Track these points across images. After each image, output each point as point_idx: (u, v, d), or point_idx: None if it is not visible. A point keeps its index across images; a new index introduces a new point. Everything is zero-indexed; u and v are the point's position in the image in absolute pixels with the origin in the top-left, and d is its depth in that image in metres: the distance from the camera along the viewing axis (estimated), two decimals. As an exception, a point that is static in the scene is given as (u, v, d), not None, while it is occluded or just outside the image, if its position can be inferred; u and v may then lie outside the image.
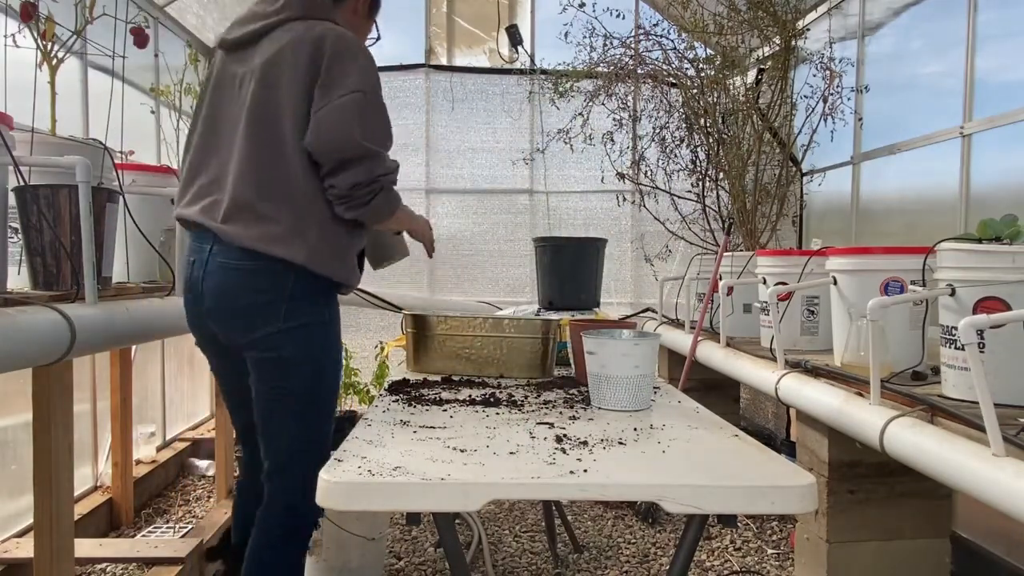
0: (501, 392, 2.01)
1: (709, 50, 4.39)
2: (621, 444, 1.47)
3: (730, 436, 1.57)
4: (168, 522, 3.43)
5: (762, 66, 4.37)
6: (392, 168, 1.77)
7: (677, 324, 4.12)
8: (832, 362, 2.46)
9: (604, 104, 4.48)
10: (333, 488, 1.21)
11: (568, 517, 3.32)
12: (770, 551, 3.15)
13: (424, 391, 2.02)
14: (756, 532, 3.37)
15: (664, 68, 4.36)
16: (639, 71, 4.40)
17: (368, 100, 1.71)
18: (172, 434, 4.32)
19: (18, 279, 2.10)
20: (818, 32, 4.21)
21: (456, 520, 3.11)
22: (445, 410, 1.78)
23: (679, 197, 4.60)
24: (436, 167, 5.31)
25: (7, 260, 1.97)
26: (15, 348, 1.67)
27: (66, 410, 2.01)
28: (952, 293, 1.84)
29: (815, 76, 3.96)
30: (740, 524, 3.44)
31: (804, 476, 1.26)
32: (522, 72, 5.22)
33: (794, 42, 4.07)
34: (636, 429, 1.61)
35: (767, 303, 2.78)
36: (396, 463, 1.29)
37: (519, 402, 1.89)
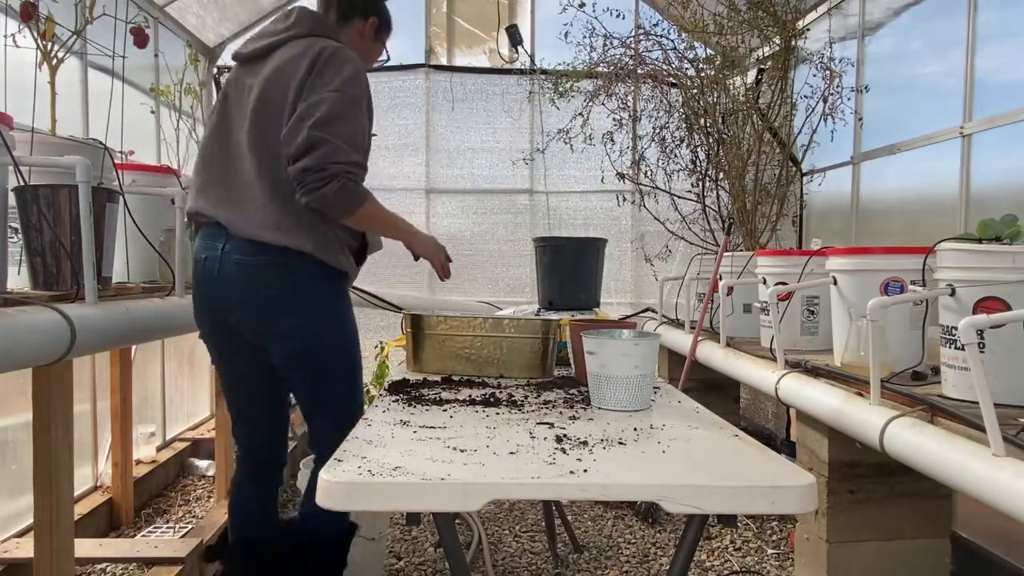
0: (501, 392, 2.01)
1: (709, 50, 4.39)
2: (621, 444, 1.47)
3: (730, 436, 1.57)
4: (168, 522, 3.43)
5: (762, 66, 4.38)
6: (350, 160, 1.82)
7: (677, 324, 4.12)
8: (832, 362, 2.46)
9: (604, 104, 4.48)
10: (333, 488, 1.21)
11: (568, 517, 3.32)
12: (770, 551, 3.15)
13: (424, 391, 2.02)
14: (756, 532, 3.37)
15: (664, 68, 4.36)
16: (639, 71, 4.40)
17: (339, 100, 1.81)
18: (172, 434, 4.32)
19: (18, 279, 2.10)
20: (818, 32, 4.21)
21: (456, 520, 3.11)
22: (445, 410, 1.78)
23: (679, 197, 4.60)
24: (436, 167, 5.30)
25: (7, 260, 1.97)
26: (15, 348, 1.67)
27: (66, 410, 2.01)
28: (952, 293, 1.84)
29: (815, 76, 3.96)
30: (740, 524, 3.44)
31: (804, 476, 1.26)
32: (522, 72, 5.22)
33: (794, 42, 4.07)
34: (636, 429, 1.61)
35: (767, 303, 2.78)
36: (396, 463, 1.29)
37: (519, 402, 1.89)
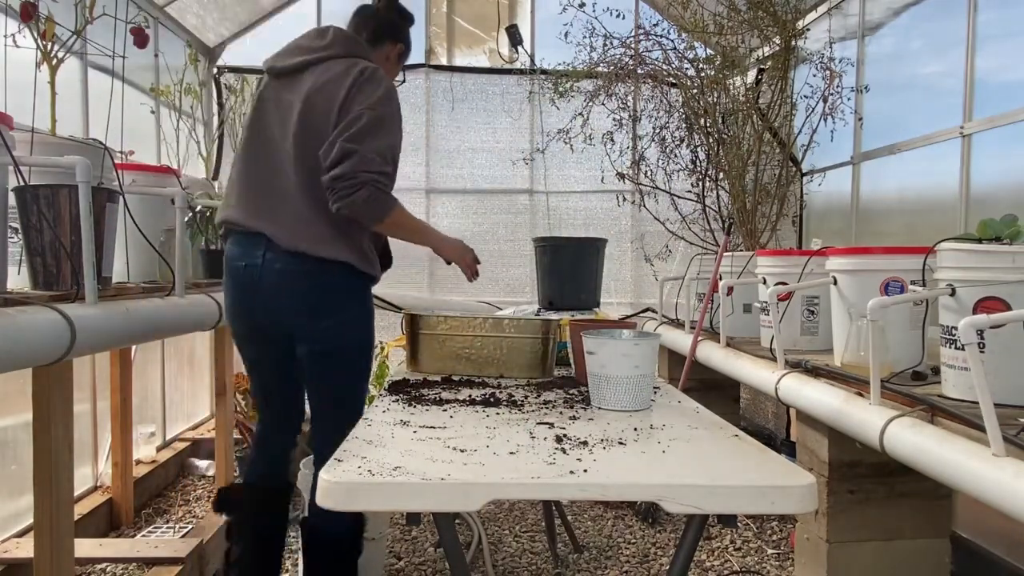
0: (501, 392, 2.01)
1: (709, 50, 4.39)
2: (621, 444, 1.47)
3: (730, 436, 1.57)
4: (168, 522, 3.43)
5: (762, 66, 4.37)
6: (378, 170, 1.94)
7: (677, 324, 4.12)
8: (832, 362, 2.46)
9: (604, 104, 4.48)
10: (333, 488, 1.21)
11: (568, 517, 3.32)
12: (770, 551, 3.15)
13: (424, 391, 2.02)
14: (756, 532, 3.37)
15: (664, 68, 4.36)
16: (639, 71, 4.40)
17: (369, 117, 1.94)
18: (172, 434, 4.32)
19: (18, 279, 2.10)
20: (818, 32, 4.21)
21: (456, 520, 3.11)
22: (445, 410, 1.78)
23: (679, 197, 4.60)
24: (436, 167, 5.30)
25: (7, 260, 1.97)
26: (15, 348, 1.67)
27: (66, 410, 2.01)
28: (952, 293, 1.84)
29: (815, 76, 3.96)
30: (740, 524, 3.44)
31: (804, 476, 1.26)
32: (522, 72, 5.22)
33: (794, 42, 4.07)
34: (636, 429, 1.61)
35: (767, 303, 2.78)
36: (396, 463, 1.29)
37: (519, 402, 1.89)
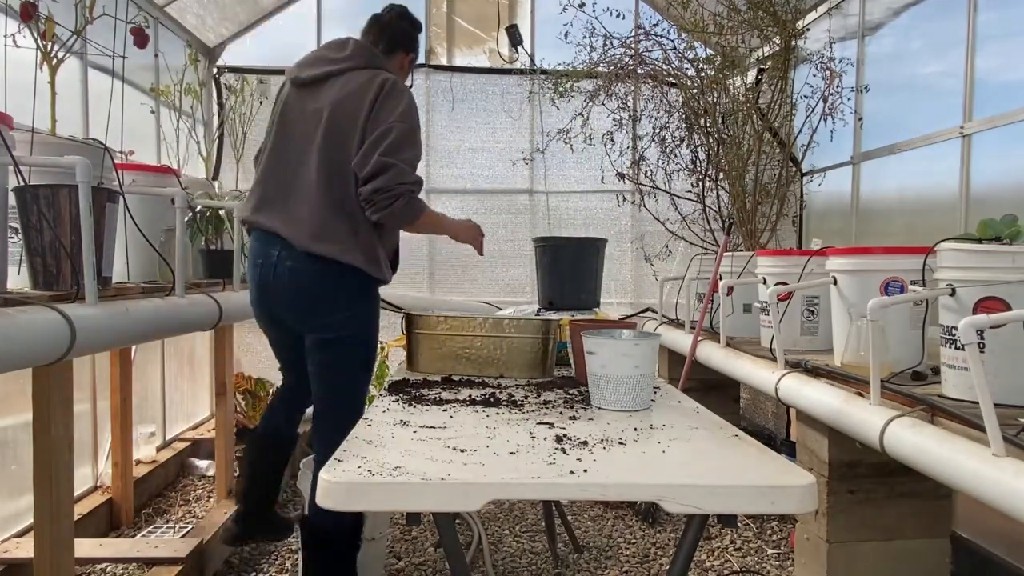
0: (501, 392, 2.01)
1: (709, 50, 4.39)
2: (621, 444, 1.47)
3: (730, 436, 1.57)
4: (168, 522, 3.44)
5: (762, 66, 4.37)
6: (412, 180, 2.12)
7: (677, 324, 4.12)
8: (832, 362, 2.46)
9: (604, 104, 4.48)
10: (333, 488, 1.21)
11: (568, 517, 3.32)
12: (770, 551, 3.15)
13: (424, 391, 2.02)
14: (756, 532, 3.37)
15: (664, 68, 4.36)
16: (639, 71, 4.40)
17: (399, 131, 2.09)
18: (172, 434, 4.32)
19: (18, 279, 2.10)
20: (818, 32, 4.21)
21: (456, 520, 3.11)
22: (445, 410, 1.78)
23: (679, 197, 4.60)
24: (436, 167, 5.31)
25: (7, 260, 1.97)
26: (15, 348, 1.67)
27: (66, 410, 2.01)
28: (952, 293, 1.84)
29: (815, 76, 3.96)
30: (740, 524, 3.44)
31: (804, 476, 1.26)
32: (522, 72, 5.22)
33: (794, 42, 4.07)
34: (636, 429, 1.61)
35: (767, 303, 2.78)
36: (396, 463, 1.29)
37: (519, 402, 1.89)
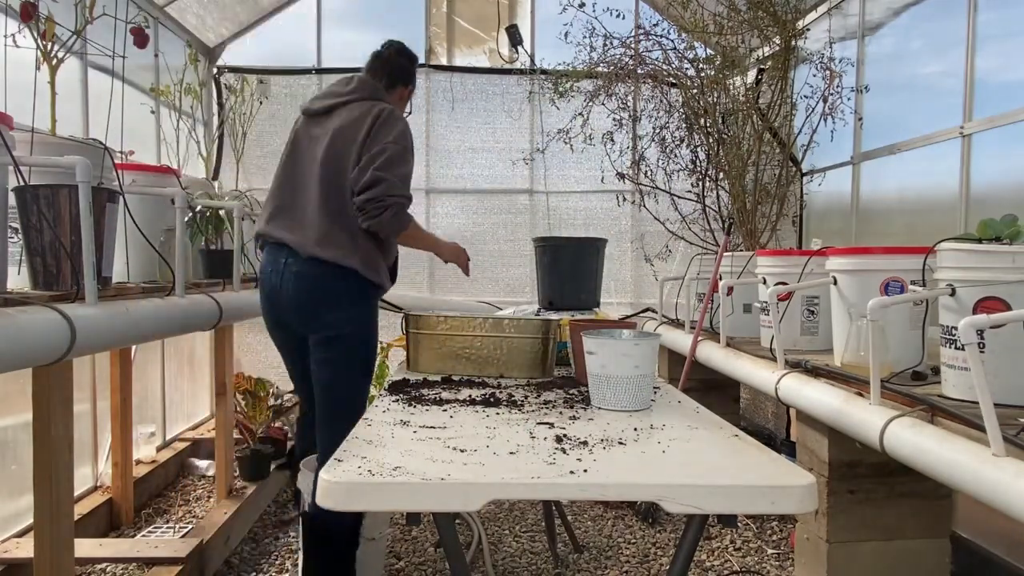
0: (501, 392, 2.01)
1: (709, 50, 4.39)
2: (621, 444, 1.47)
3: (730, 436, 1.57)
4: (168, 522, 3.44)
5: (762, 66, 4.37)
6: (402, 194, 2.29)
7: (677, 324, 4.12)
8: (832, 362, 2.46)
9: (604, 104, 4.48)
10: (333, 488, 1.21)
11: (568, 517, 3.32)
12: (770, 551, 3.15)
13: (424, 391, 2.02)
14: (756, 532, 3.37)
15: (664, 68, 4.36)
16: (639, 71, 4.40)
17: (392, 150, 2.28)
18: (172, 434, 4.32)
19: (18, 279, 2.10)
20: (818, 32, 4.21)
21: (456, 520, 3.11)
22: (445, 410, 1.78)
23: (679, 197, 4.60)
24: (436, 167, 5.31)
25: (7, 260, 1.97)
26: (15, 348, 1.67)
27: (66, 410, 2.01)
28: (952, 293, 1.84)
29: (815, 76, 3.96)
30: (740, 524, 3.44)
31: (804, 476, 1.26)
32: (522, 72, 5.22)
33: (794, 42, 4.07)
34: (636, 429, 1.61)
35: (767, 303, 2.78)
36: (396, 463, 1.29)
37: (519, 402, 1.89)
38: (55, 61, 2.42)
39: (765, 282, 2.95)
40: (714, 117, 4.27)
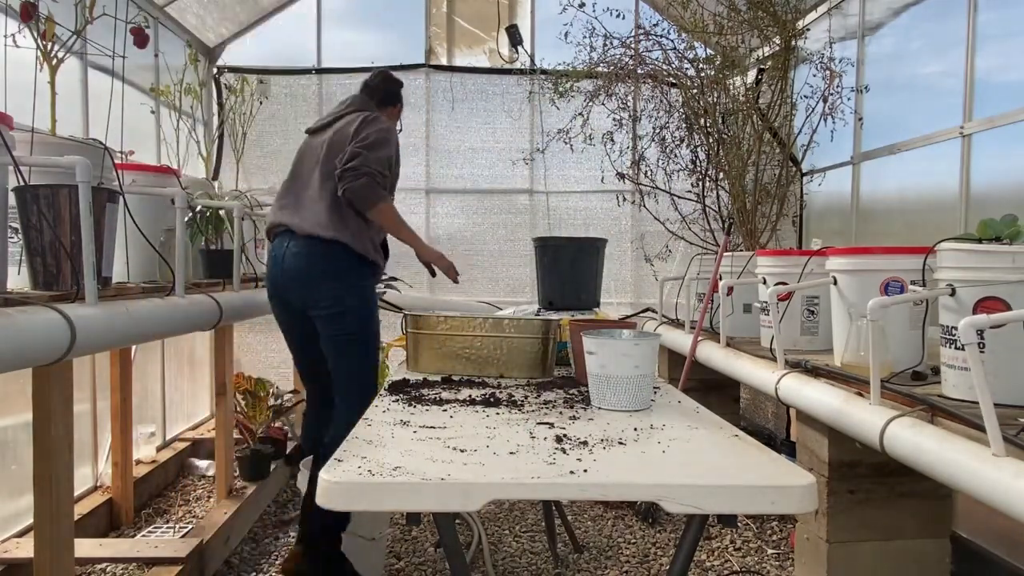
0: (501, 392, 2.01)
1: (709, 50, 4.39)
2: (621, 444, 1.47)
3: (730, 436, 1.57)
4: (168, 522, 3.44)
5: (762, 66, 4.37)
6: (379, 170, 2.54)
7: (677, 324, 4.12)
8: (832, 362, 2.46)
9: (604, 104, 4.48)
10: (333, 488, 1.21)
11: (568, 517, 3.32)
12: (770, 551, 3.15)
13: (424, 391, 2.02)
14: (756, 532, 3.37)
15: (664, 68, 4.36)
16: (639, 71, 4.40)
17: (375, 136, 2.58)
18: (172, 434, 4.32)
19: (18, 279, 2.10)
20: (818, 32, 4.21)
21: (456, 520, 3.11)
22: (445, 410, 1.78)
23: (679, 197, 4.60)
24: (436, 167, 5.30)
25: (7, 260, 1.97)
26: (15, 348, 1.67)
27: (66, 410, 2.01)
28: (952, 293, 1.84)
29: (815, 76, 3.96)
30: (740, 524, 3.44)
31: (804, 476, 1.26)
32: (522, 72, 5.22)
33: (794, 42, 4.07)
34: (636, 429, 1.61)
35: (767, 303, 2.78)
36: (396, 463, 1.29)
37: (519, 402, 1.89)
38: (55, 61, 2.43)
39: (765, 282, 2.95)
40: (714, 117, 4.27)
